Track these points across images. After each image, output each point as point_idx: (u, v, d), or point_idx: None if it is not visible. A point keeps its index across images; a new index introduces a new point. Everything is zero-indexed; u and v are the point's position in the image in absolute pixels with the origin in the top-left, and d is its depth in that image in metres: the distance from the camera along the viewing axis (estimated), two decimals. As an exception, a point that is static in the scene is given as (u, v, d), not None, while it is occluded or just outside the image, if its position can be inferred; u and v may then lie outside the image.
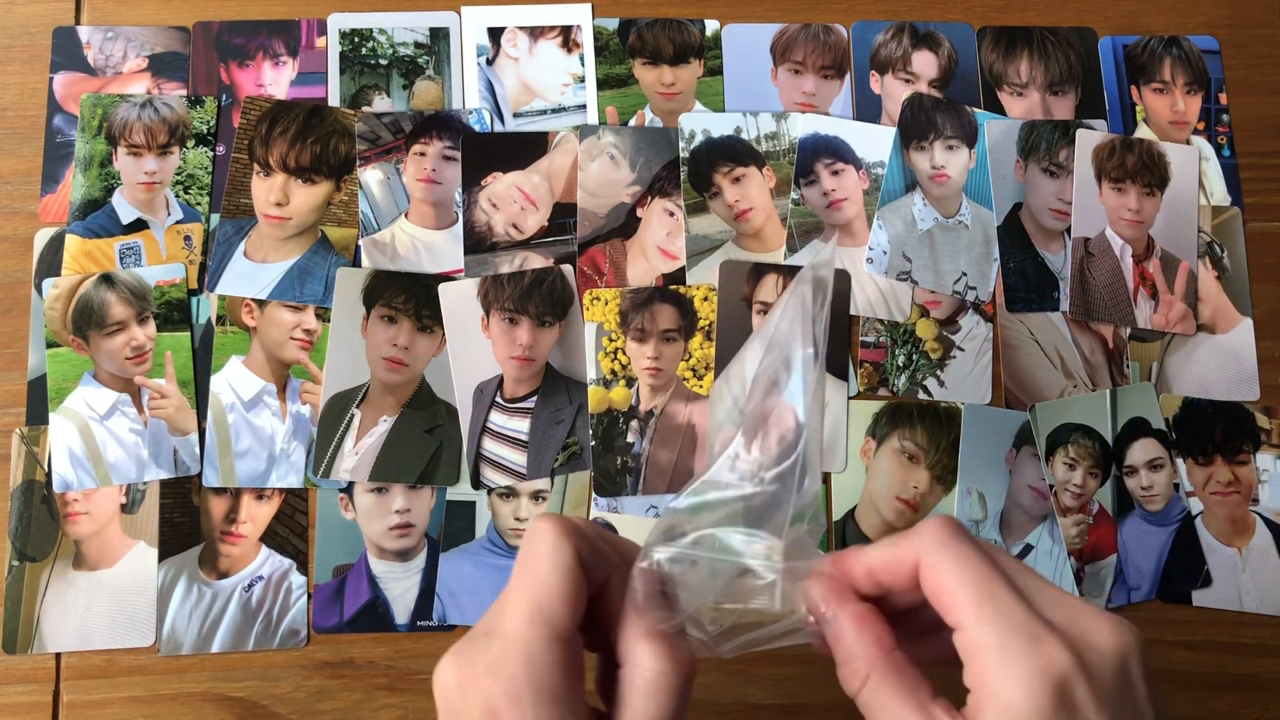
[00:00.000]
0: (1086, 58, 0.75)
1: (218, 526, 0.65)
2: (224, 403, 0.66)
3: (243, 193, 0.69)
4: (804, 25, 0.74)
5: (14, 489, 0.64)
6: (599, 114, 0.72)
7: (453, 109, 0.71)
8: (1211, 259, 0.71)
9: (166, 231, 0.68)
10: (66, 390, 0.65)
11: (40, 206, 0.69)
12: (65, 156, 0.69)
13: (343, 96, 0.71)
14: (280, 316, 0.67)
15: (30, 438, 0.65)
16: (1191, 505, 0.67)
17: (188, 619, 0.63)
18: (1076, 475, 0.67)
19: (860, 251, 0.70)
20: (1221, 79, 0.75)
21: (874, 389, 0.68)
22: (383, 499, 0.65)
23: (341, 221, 0.69)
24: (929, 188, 0.71)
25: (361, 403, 0.66)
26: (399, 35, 0.72)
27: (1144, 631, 0.72)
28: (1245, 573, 0.66)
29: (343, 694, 0.63)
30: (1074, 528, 0.66)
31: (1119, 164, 0.72)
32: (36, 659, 0.63)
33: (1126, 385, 0.69)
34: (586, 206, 0.70)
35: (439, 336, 0.67)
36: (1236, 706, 0.65)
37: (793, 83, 0.73)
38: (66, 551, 0.64)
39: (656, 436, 0.67)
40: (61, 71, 0.71)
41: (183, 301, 0.67)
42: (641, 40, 0.73)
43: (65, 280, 0.67)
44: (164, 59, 0.72)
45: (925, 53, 0.74)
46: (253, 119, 0.70)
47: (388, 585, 0.64)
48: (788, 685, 0.64)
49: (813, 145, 0.71)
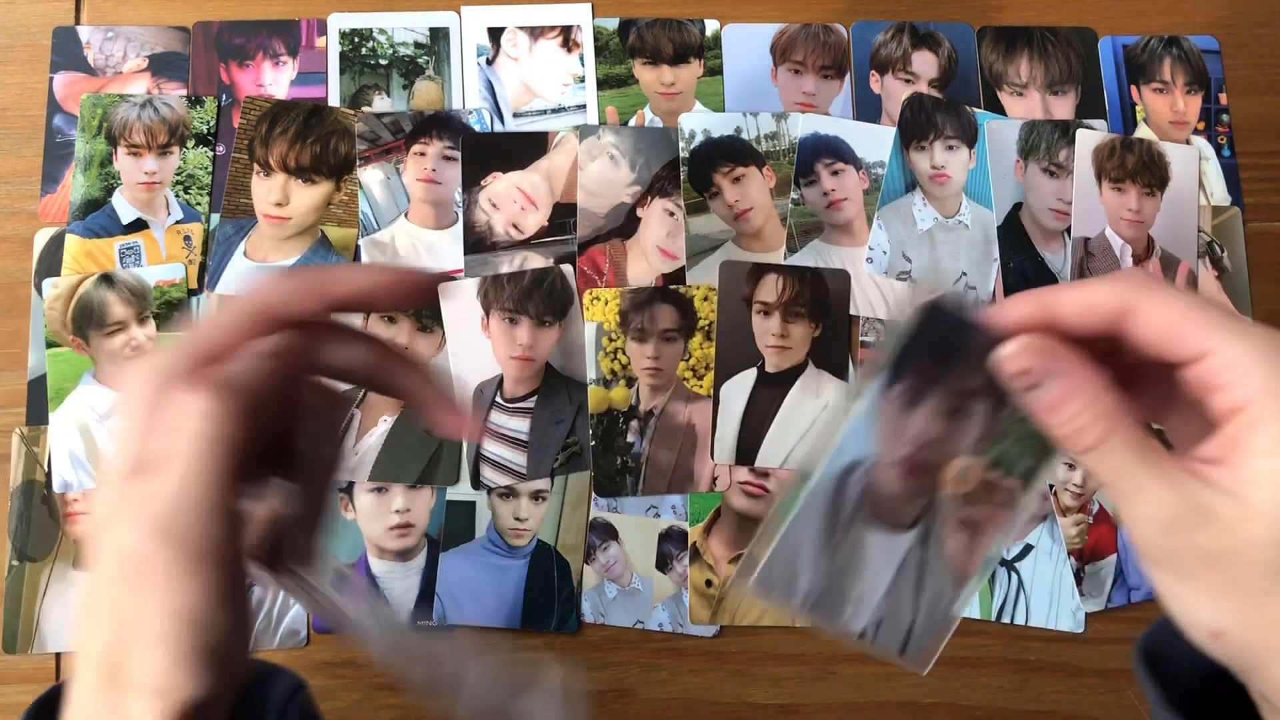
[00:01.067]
0: (1086, 58, 0.75)
1: (218, 526, 0.64)
2: (224, 403, 0.66)
3: (243, 193, 0.69)
4: (804, 25, 0.74)
5: (14, 489, 0.64)
6: (599, 114, 0.72)
7: (453, 109, 0.71)
8: (1211, 259, 0.71)
9: (166, 231, 0.68)
10: (66, 390, 0.65)
11: (40, 206, 0.69)
12: (65, 156, 0.69)
13: (343, 96, 0.71)
14: (280, 316, 0.67)
15: (30, 438, 0.65)
16: (1191, 505, 0.67)
17: (188, 619, 0.63)
18: (1076, 475, 0.67)
19: (860, 251, 0.70)
20: (1221, 79, 0.75)
21: (874, 389, 0.68)
22: (383, 499, 0.65)
23: (341, 221, 0.69)
24: (929, 188, 0.71)
25: (361, 403, 0.66)
26: (399, 35, 0.72)
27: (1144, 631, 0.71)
28: (1245, 573, 0.66)
29: (343, 694, 0.63)
30: (1074, 528, 0.66)
31: (1119, 164, 0.72)
32: (36, 659, 0.63)
33: (1126, 385, 0.69)
34: (586, 206, 0.70)
35: (439, 337, 0.67)
36: (1236, 706, 0.65)
37: (793, 83, 0.73)
38: (66, 551, 0.64)
39: (656, 436, 0.67)
40: (61, 71, 0.71)
41: (183, 301, 0.67)
42: (641, 40, 0.73)
43: (65, 280, 0.67)
44: (164, 59, 0.72)
45: (925, 53, 0.74)
46: (253, 119, 0.70)
47: (388, 585, 0.64)
48: (788, 685, 0.64)
49: (813, 145, 0.71)
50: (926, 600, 0.34)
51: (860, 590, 0.34)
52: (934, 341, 0.34)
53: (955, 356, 0.33)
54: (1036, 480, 0.33)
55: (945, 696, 0.64)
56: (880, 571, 0.34)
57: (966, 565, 0.33)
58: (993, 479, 0.34)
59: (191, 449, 0.31)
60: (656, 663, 0.64)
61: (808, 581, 0.34)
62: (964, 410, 0.34)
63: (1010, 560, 0.66)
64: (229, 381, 0.32)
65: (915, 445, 0.33)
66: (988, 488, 0.33)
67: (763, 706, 0.64)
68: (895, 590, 0.34)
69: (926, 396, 0.34)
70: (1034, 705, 0.64)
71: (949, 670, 0.65)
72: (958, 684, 0.65)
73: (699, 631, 0.65)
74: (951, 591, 0.34)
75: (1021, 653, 0.65)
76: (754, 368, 0.68)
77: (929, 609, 0.34)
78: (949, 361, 0.33)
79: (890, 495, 0.33)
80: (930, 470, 0.33)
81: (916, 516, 0.34)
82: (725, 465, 0.67)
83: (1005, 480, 0.33)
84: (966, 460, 0.34)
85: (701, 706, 0.64)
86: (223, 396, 0.31)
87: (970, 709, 0.64)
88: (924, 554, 0.34)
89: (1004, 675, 0.65)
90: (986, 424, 0.33)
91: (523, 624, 0.64)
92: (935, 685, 0.65)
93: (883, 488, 0.33)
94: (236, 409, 0.31)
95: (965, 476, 0.34)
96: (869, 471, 0.34)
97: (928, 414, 0.34)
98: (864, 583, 0.34)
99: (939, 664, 0.65)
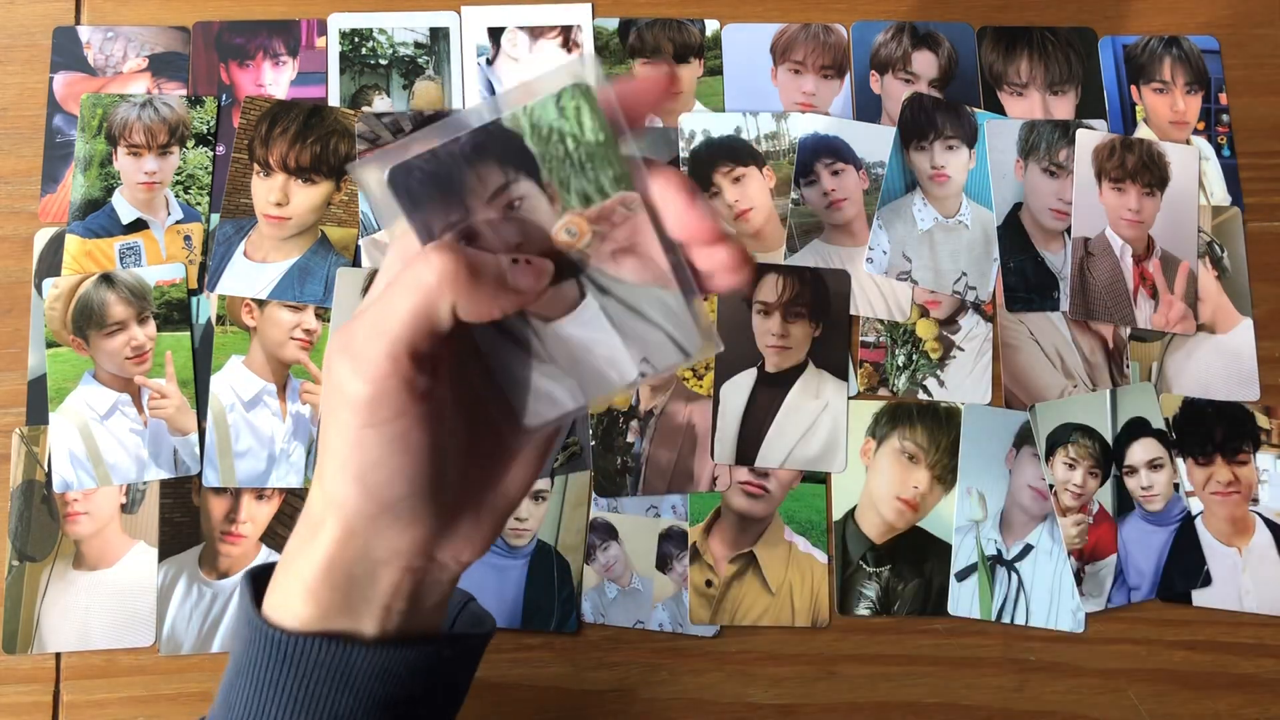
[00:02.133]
0: (1086, 58, 0.75)
1: (218, 526, 0.64)
2: (224, 403, 0.66)
3: (243, 193, 0.69)
4: (804, 25, 0.74)
5: (14, 489, 0.64)
6: (599, 114, 0.72)
7: (453, 109, 0.71)
8: (1211, 259, 0.71)
9: (166, 231, 0.68)
10: (66, 390, 0.65)
11: (40, 206, 0.69)
12: (65, 156, 0.69)
13: (343, 96, 0.71)
14: (280, 316, 0.67)
15: (30, 438, 0.65)
16: (1191, 505, 0.67)
17: (188, 619, 0.63)
18: (1076, 475, 0.67)
19: (860, 251, 0.70)
20: (1221, 79, 0.75)
21: (874, 389, 0.68)
22: (383, 499, 0.65)
23: (341, 221, 0.69)
24: (929, 188, 0.71)
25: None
26: (399, 35, 0.72)
27: (1144, 631, 0.72)
28: (1245, 573, 0.66)
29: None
30: (1074, 528, 0.66)
31: (1119, 164, 0.72)
32: (36, 659, 0.63)
33: (1126, 385, 0.69)
34: (586, 206, 0.70)
35: (439, 336, 0.67)
36: (1236, 706, 0.65)
37: (793, 83, 0.73)
38: (66, 551, 0.64)
39: (656, 436, 0.67)
40: (61, 71, 0.71)
41: (183, 301, 0.67)
42: (641, 40, 0.73)
43: (65, 280, 0.67)
44: (164, 59, 0.72)
45: (925, 53, 0.74)
46: (253, 119, 0.70)
47: (388, 585, 0.64)
48: (788, 685, 0.64)
49: (813, 145, 0.71)
50: (658, 314, 0.34)
51: (603, 356, 0.34)
52: (426, 193, 0.32)
53: (453, 185, 0.32)
54: (630, 169, 0.32)
55: (945, 696, 0.64)
56: (600, 336, 0.34)
57: (654, 270, 0.33)
58: (597, 211, 0.33)
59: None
60: (656, 663, 0.64)
61: (560, 388, 0.34)
62: (512, 203, 0.33)
63: (1010, 560, 0.66)
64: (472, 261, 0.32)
65: (508, 253, 0.32)
66: (602, 218, 0.33)
67: (763, 706, 0.64)
68: (627, 333, 0.34)
69: (473, 226, 0.33)
70: (1034, 705, 0.64)
71: (949, 670, 0.65)
72: (958, 684, 0.65)
73: (699, 631, 0.65)
74: (667, 292, 0.33)
75: (1021, 653, 0.65)
76: (754, 368, 0.68)
77: (666, 316, 0.34)
78: (454, 193, 0.33)
79: (532, 295, 0.33)
80: (542, 255, 0.33)
81: (578, 288, 0.34)
82: (725, 465, 0.67)
83: (608, 201, 0.33)
84: (561, 222, 0.33)
85: (701, 706, 0.64)
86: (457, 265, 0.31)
87: (970, 709, 0.64)
88: (615, 298, 0.34)
89: (1004, 675, 0.65)
90: (543, 189, 0.33)
91: (523, 624, 0.64)
92: (935, 685, 0.65)
93: (525, 295, 0.33)
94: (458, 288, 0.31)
95: (574, 231, 0.33)
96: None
97: (490, 232, 0.33)
98: (599, 350, 0.34)
99: (939, 664, 0.65)
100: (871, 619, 0.65)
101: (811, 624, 0.65)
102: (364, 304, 0.33)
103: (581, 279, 0.34)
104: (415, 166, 0.32)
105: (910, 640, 0.65)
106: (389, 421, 0.32)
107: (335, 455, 0.33)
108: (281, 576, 0.36)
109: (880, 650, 0.65)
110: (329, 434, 0.33)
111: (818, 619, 0.65)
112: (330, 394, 0.33)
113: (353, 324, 0.32)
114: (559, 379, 0.34)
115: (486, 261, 0.31)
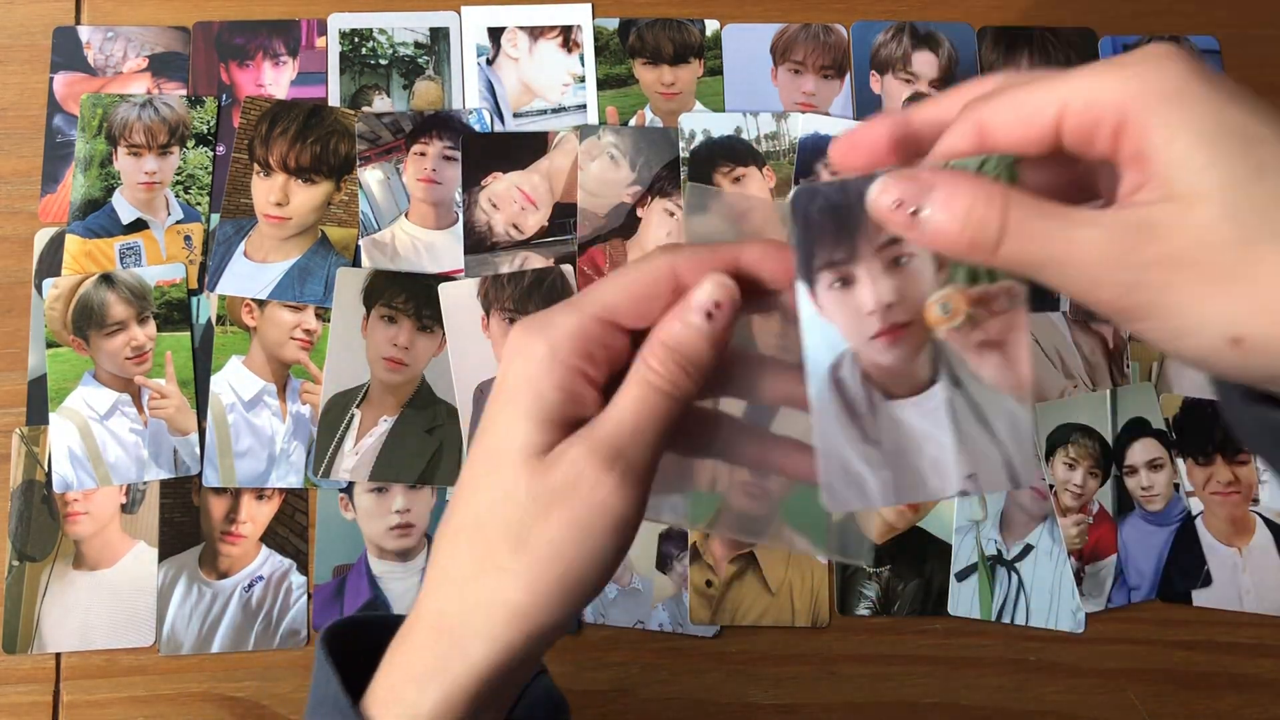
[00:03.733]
0: (1087, 58, 0.75)
1: (218, 526, 0.65)
2: (224, 403, 0.66)
3: (243, 193, 0.69)
4: (804, 25, 0.74)
5: (14, 489, 0.64)
6: (599, 114, 0.72)
7: (453, 109, 0.71)
8: (1211, 259, 0.71)
9: (166, 231, 0.68)
10: (66, 390, 0.65)
11: (40, 206, 0.69)
12: (65, 156, 0.69)
13: (343, 96, 0.71)
14: (280, 316, 0.67)
15: (30, 438, 0.65)
16: (1191, 505, 0.67)
17: (188, 619, 0.63)
18: (1076, 475, 0.67)
19: (860, 251, 0.70)
20: (1221, 79, 0.75)
21: (874, 389, 0.68)
22: (383, 499, 0.65)
23: (341, 221, 0.69)
24: (929, 188, 0.71)
25: (362, 403, 0.66)
26: (399, 35, 0.72)
27: (1144, 631, 0.72)
28: (1245, 573, 0.66)
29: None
30: (1074, 528, 0.66)
31: (1119, 164, 0.72)
32: (36, 659, 0.63)
33: (1127, 385, 0.69)
34: (586, 206, 0.70)
35: (439, 337, 0.67)
36: (1236, 706, 0.65)
37: (793, 83, 0.73)
38: (66, 551, 0.64)
39: (656, 436, 0.67)
40: (61, 71, 0.71)
41: (183, 301, 0.67)
42: (641, 40, 0.73)
43: (65, 280, 0.67)
44: (164, 59, 0.72)
45: (925, 53, 0.74)
46: (253, 119, 0.70)
47: (388, 585, 0.64)
48: (787, 685, 0.64)
49: (813, 145, 0.71)
50: (1003, 428, 0.31)
51: (930, 456, 0.32)
52: (821, 224, 0.31)
53: (849, 223, 0.31)
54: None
55: (945, 696, 0.64)
56: (935, 432, 0.32)
57: (1016, 377, 0.31)
58: (980, 293, 0.31)
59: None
60: (656, 663, 0.64)
61: (874, 478, 0.32)
62: (900, 257, 0.31)
63: (1010, 560, 0.66)
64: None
65: (879, 315, 0.31)
66: (982, 302, 0.31)
67: (763, 706, 0.64)
68: (965, 439, 0.32)
69: (853, 271, 0.32)
70: (1034, 705, 0.64)
71: (949, 670, 0.65)
72: (958, 684, 0.65)
73: (699, 631, 0.65)
74: (1020, 406, 0.31)
75: (1021, 653, 0.65)
76: (754, 368, 0.68)
77: (1011, 433, 0.31)
78: (847, 231, 0.31)
79: (889, 367, 0.31)
80: (911, 324, 0.31)
81: (930, 369, 0.32)
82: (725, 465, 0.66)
83: (993, 285, 0.31)
84: (940, 294, 0.31)
85: (701, 706, 0.64)
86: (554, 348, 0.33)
87: (970, 709, 0.64)
88: (966, 394, 0.31)
89: (1004, 675, 0.65)
90: (935, 254, 0.31)
91: (523, 624, 0.64)
92: (935, 685, 0.65)
93: (877, 366, 0.31)
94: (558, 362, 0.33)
95: (950, 309, 0.31)
96: (853, 361, 0.32)
97: (867, 283, 0.31)
98: (928, 448, 0.32)
99: (938, 664, 0.65)
100: (871, 619, 0.65)
101: (811, 624, 0.65)
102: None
103: (938, 362, 0.32)
104: (822, 193, 0.31)
105: (910, 640, 0.65)
106: (629, 522, 0.31)
107: (537, 560, 0.31)
108: (401, 684, 0.33)
109: (880, 650, 0.65)
110: (528, 540, 0.31)
111: (818, 619, 0.65)
112: (569, 497, 0.32)
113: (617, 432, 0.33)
114: (876, 467, 0.32)
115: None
